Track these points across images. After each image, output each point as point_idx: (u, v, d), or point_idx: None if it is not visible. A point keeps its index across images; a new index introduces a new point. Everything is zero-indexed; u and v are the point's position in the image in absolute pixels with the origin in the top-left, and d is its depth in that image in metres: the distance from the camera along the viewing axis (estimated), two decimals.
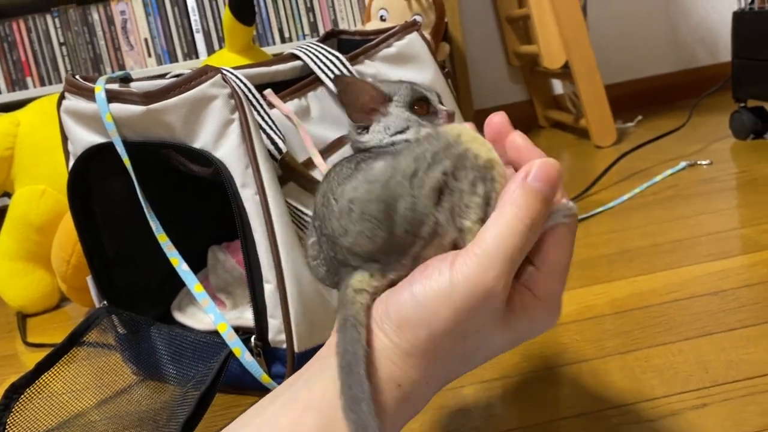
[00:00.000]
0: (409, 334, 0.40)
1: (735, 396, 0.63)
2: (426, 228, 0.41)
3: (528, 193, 0.39)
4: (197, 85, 0.77)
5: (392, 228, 0.41)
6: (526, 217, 0.38)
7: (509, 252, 0.38)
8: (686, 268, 0.93)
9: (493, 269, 0.38)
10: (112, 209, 0.90)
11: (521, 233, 0.38)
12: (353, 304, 0.42)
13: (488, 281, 0.38)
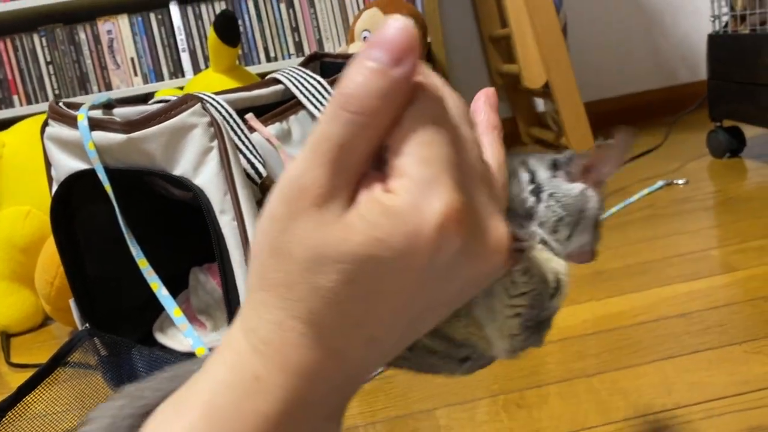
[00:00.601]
0: (250, 270, 0.31)
1: (695, 418, 0.65)
2: None
3: (353, 70, 0.29)
4: (177, 114, 0.79)
5: None
6: (343, 97, 0.29)
7: (323, 144, 0.29)
8: (656, 289, 0.96)
9: (305, 164, 0.29)
10: (95, 234, 0.92)
11: (338, 119, 0.29)
12: None
13: (296, 176, 0.29)
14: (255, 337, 0.30)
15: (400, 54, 0.28)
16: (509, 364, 0.82)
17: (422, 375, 0.79)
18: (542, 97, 2.20)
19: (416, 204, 0.28)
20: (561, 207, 0.39)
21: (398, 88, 0.28)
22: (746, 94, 1.49)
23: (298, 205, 0.29)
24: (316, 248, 0.29)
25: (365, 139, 0.29)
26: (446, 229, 0.28)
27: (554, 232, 0.39)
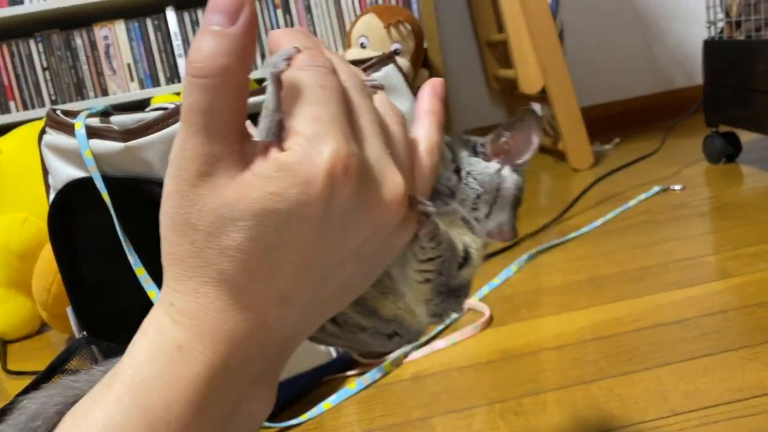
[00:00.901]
0: (161, 246, 0.32)
1: (690, 426, 0.65)
2: None
3: (196, 40, 0.30)
4: (175, 122, 0.79)
5: None
6: (194, 67, 0.29)
7: (187, 115, 0.30)
8: (652, 296, 0.96)
9: (181, 136, 0.30)
10: (93, 241, 0.92)
11: (190, 86, 0.30)
12: None
13: (176, 152, 0.30)
14: (173, 310, 0.31)
15: (233, 12, 0.29)
16: (507, 371, 0.82)
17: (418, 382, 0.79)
18: (539, 102, 2.21)
19: (307, 155, 0.29)
20: (478, 184, 0.42)
21: (240, 42, 0.30)
22: (742, 99, 1.50)
23: (186, 176, 0.30)
24: (214, 212, 0.30)
25: (226, 99, 0.30)
26: (335, 175, 0.29)
27: (474, 209, 0.42)
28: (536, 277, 1.13)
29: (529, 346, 0.89)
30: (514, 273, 1.15)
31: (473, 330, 0.95)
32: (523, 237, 1.33)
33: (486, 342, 0.92)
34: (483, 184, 0.42)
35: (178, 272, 0.31)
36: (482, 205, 0.42)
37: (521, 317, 0.98)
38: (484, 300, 1.05)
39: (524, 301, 1.04)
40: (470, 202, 0.42)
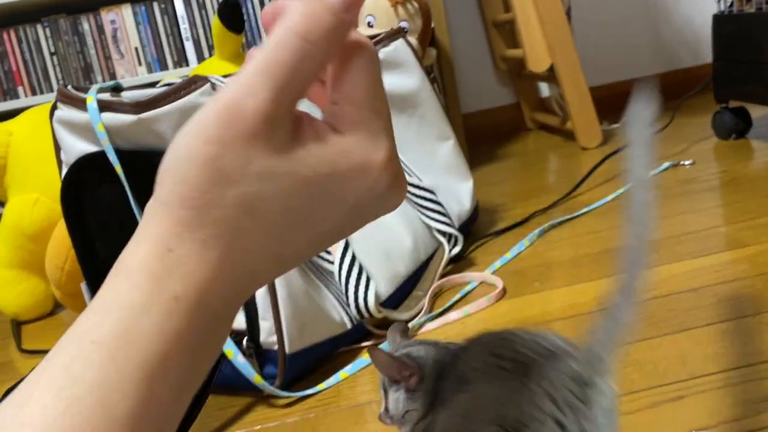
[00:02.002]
0: (166, 186, 0.31)
1: (711, 388, 0.65)
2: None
3: (310, 5, 0.31)
4: (187, 94, 0.79)
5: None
6: (299, 26, 0.30)
7: (273, 69, 0.30)
8: (666, 266, 0.96)
9: (250, 86, 0.30)
10: (105, 216, 0.92)
11: (292, 46, 0.30)
12: None
13: (240, 99, 0.29)
14: (171, 258, 0.30)
15: (350, 4, 0.31)
16: None
17: None
18: (547, 81, 2.20)
19: (367, 148, 0.32)
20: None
21: (344, 30, 0.31)
22: (753, 73, 1.49)
23: (240, 129, 0.29)
24: (258, 175, 0.30)
25: (310, 71, 0.31)
26: (386, 170, 0.33)
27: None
28: (548, 251, 1.12)
29: (543, 315, 0.88)
30: (525, 248, 1.15)
31: (487, 302, 0.94)
32: (533, 213, 1.33)
33: (500, 313, 0.92)
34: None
35: (191, 218, 0.30)
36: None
37: (534, 289, 0.97)
38: (497, 274, 1.05)
39: (536, 273, 1.03)
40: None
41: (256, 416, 0.77)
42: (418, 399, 0.56)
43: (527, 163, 1.87)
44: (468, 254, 1.18)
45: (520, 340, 0.51)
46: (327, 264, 0.89)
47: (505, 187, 1.64)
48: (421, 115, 1.18)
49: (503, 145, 2.19)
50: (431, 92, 1.20)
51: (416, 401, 0.56)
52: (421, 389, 0.56)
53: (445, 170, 1.20)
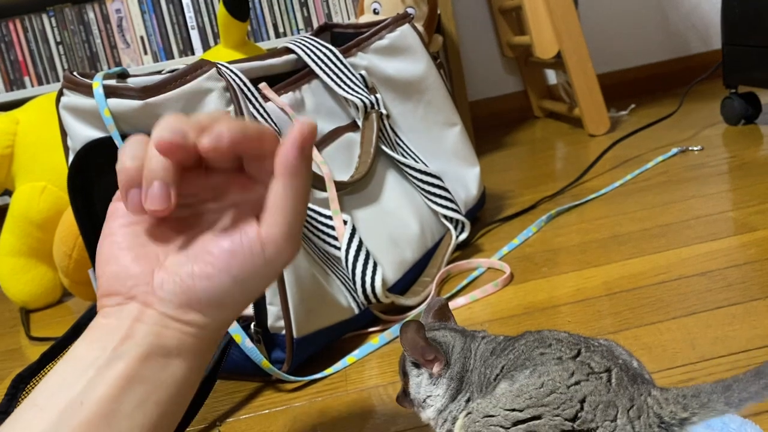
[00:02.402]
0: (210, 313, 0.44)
1: (720, 370, 0.65)
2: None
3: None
4: (193, 79, 0.78)
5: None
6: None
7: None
8: (675, 250, 0.95)
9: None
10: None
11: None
12: None
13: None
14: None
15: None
16: (529, 325, 0.82)
17: None
18: (554, 68, 2.19)
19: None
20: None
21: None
22: (762, 59, 1.47)
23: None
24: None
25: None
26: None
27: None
28: (556, 237, 1.12)
29: (551, 300, 0.88)
30: (533, 234, 1.15)
31: (494, 287, 0.94)
32: (540, 200, 1.32)
33: (507, 298, 0.92)
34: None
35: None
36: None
37: (542, 274, 0.97)
38: (504, 260, 1.05)
39: (544, 259, 1.03)
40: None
41: (264, 400, 0.77)
42: (442, 385, 0.56)
43: (534, 150, 1.87)
44: (475, 240, 1.18)
45: (594, 343, 0.50)
46: (334, 249, 0.88)
47: (513, 174, 1.64)
48: (428, 101, 1.17)
49: (510, 132, 2.18)
50: (438, 78, 1.20)
51: (439, 387, 0.56)
52: (445, 375, 0.56)
53: (452, 156, 1.20)
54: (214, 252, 0.45)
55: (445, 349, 0.57)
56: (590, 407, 0.45)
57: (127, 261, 0.45)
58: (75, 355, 0.43)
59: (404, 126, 1.14)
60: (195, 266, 0.45)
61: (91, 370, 0.41)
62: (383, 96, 1.11)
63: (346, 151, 1.01)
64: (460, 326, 0.62)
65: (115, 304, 0.45)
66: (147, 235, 0.47)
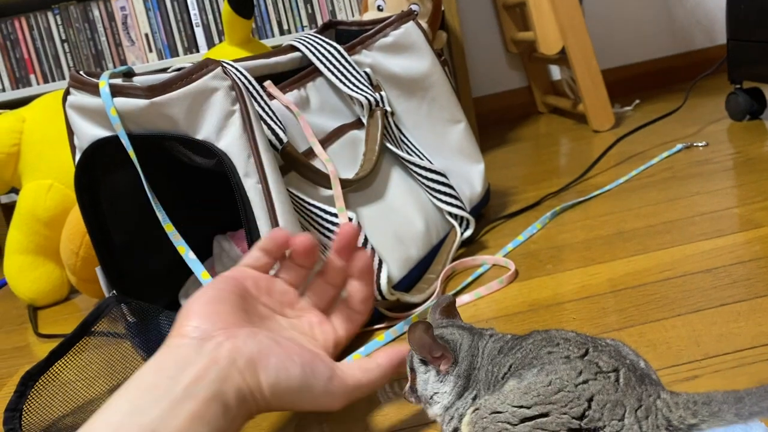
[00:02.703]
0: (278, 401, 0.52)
1: (725, 368, 0.65)
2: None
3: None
4: (198, 78, 0.79)
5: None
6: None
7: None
8: (679, 247, 0.95)
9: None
10: (119, 200, 0.92)
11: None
12: None
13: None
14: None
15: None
16: (534, 322, 0.82)
17: None
18: (558, 64, 2.18)
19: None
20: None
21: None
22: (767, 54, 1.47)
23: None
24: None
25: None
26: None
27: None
28: (560, 234, 1.12)
29: (555, 297, 0.88)
30: (537, 230, 1.15)
31: (499, 284, 0.95)
32: (545, 196, 1.32)
33: (512, 295, 0.92)
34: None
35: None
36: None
37: (547, 271, 0.97)
38: (509, 256, 1.05)
39: (549, 256, 1.03)
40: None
41: None
42: (449, 383, 0.57)
43: (538, 146, 1.87)
44: (480, 237, 1.18)
45: (602, 343, 0.51)
46: None
47: (517, 170, 1.64)
48: (432, 98, 1.17)
49: (514, 128, 2.18)
50: (442, 75, 1.20)
51: (446, 384, 0.57)
52: (452, 373, 0.57)
53: (457, 153, 1.20)
54: (298, 348, 0.54)
55: (453, 347, 0.58)
56: (598, 406, 0.45)
57: (228, 309, 0.53)
58: (145, 381, 0.48)
59: (409, 123, 1.14)
60: (280, 344, 0.53)
61: (164, 402, 0.45)
62: (388, 93, 1.11)
63: (350, 148, 1.02)
64: (468, 323, 0.63)
65: (197, 336, 0.50)
66: (249, 310, 0.57)
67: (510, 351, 0.54)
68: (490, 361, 0.56)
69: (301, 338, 0.60)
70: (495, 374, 0.54)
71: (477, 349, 0.57)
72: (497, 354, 0.56)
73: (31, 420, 0.76)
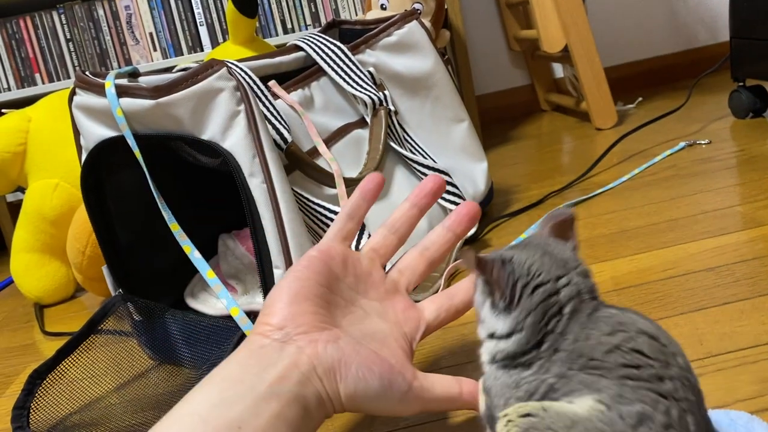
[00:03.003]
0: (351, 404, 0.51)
1: (728, 366, 0.65)
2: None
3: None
4: (204, 78, 0.79)
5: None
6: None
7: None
8: (682, 245, 0.96)
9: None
10: (124, 200, 0.93)
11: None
12: None
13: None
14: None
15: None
16: None
17: (447, 332, 0.79)
18: (561, 62, 2.19)
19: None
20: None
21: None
22: None
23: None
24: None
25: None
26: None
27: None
28: None
29: None
30: None
31: None
32: (548, 194, 1.33)
33: None
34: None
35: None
36: None
37: None
38: None
39: None
40: None
41: None
42: (503, 321, 0.46)
43: (541, 145, 1.87)
44: (483, 236, 1.18)
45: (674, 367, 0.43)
46: None
47: (520, 168, 1.64)
48: (436, 97, 1.18)
49: (517, 126, 2.18)
50: (445, 74, 1.20)
51: (500, 321, 0.46)
52: (507, 312, 0.46)
53: (460, 152, 1.20)
54: (378, 359, 0.52)
55: (510, 280, 0.46)
56: None
57: (305, 309, 0.52)
58: (230, 375, 0.48)
59: (412, 122, 1.15)
60: (360, 353, 0.52)
61: (249, 398, 0.46)
62: (391, 92, 1.11)
63: (354, 147, 1.02)
64: (576, 259, 0.49)
65: (278, 339, 0.50)
66: (326, 296, 0.55)
67: (603, 336, 0.43)
68: (583, 332, 0.44)
69: (385, 331, 0.56)
70: (583, 354, 0.43)
71: (560, 301, 0.45)
72: (593, 329, 0.44)
73: (38, 418, 0.77)
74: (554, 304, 0.45)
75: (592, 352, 0.43)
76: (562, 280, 0.46)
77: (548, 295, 0.45)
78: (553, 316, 0.45)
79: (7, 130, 1.30)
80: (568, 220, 0.52)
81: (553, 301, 0.45)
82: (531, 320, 0.45)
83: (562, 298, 0.45)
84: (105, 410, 0.81)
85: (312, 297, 0.53)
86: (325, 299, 0.54)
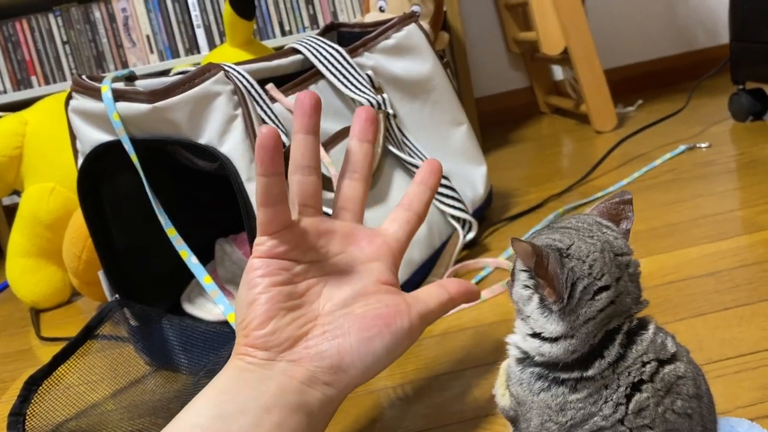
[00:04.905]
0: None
1: (728, 372, 0.65)
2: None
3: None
4: (201, 82, 0.79)
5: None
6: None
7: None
8: (683, 250, 0.95)
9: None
10: (121, 205, 0.92)
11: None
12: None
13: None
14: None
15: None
16: None
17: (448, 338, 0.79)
18: (560, 64, 2.18)
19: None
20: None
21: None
22: None
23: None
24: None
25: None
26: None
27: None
28: None
29: None
30: None
31: (502, 287, 0.94)
32: (547, 198, 1.32)
33: None
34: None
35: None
36: None
37: None
38: (511, 259, 1.05)
39: None
40: None
41: None
42: (556, 323, 0.42)
43: (541, 147, 1.87)
44: (482, 240, 1.18)
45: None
46: None
47: (519, 171, 1.64)
48: (435, 100, 1.17)
49: (517, 129, 2.18)
50: (444, 77, 1.20)
51: (551, 323, 0.42)
52: (556, 311, 0.41)
53: (459, 155, 1.20)
54: (368, 317, 0.50)
55: (568, 278, 0.40)
56: None
57: (281, 323, 0.49)
58: (227, 386, 0.47)
59: (411, 125, 1.14)
60: (352, 329, 0.49)
61: (250, 412, 0.45)
62: (390, 96, 1.11)
63: None
64: (628, 251, 0.45)
65: (264, 359, 0.48)
66: (293, 292, 0.50)
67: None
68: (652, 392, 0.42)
69: (362, 280, 0.53)
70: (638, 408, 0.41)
71: (616, 312, 0.41)
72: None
73: (34, 424, 0.76)
74: (612, 317, 0.42)
75: (652, 419, 0.41)
76: (620, 285, 0.42)
77: (610, 302, 0.42)
78: (608, 336, 0.42)
79: (4, 134, 1.30)
80: (624, 201, 0.47)
81: (610, 312, 0.42)
82: (587, 329, 0.41)
83: (618, 309, 0.42)
84: (101, 416, 0.80)
85: (281, 308, 0.49)
86: (293, 296, 0.50)
